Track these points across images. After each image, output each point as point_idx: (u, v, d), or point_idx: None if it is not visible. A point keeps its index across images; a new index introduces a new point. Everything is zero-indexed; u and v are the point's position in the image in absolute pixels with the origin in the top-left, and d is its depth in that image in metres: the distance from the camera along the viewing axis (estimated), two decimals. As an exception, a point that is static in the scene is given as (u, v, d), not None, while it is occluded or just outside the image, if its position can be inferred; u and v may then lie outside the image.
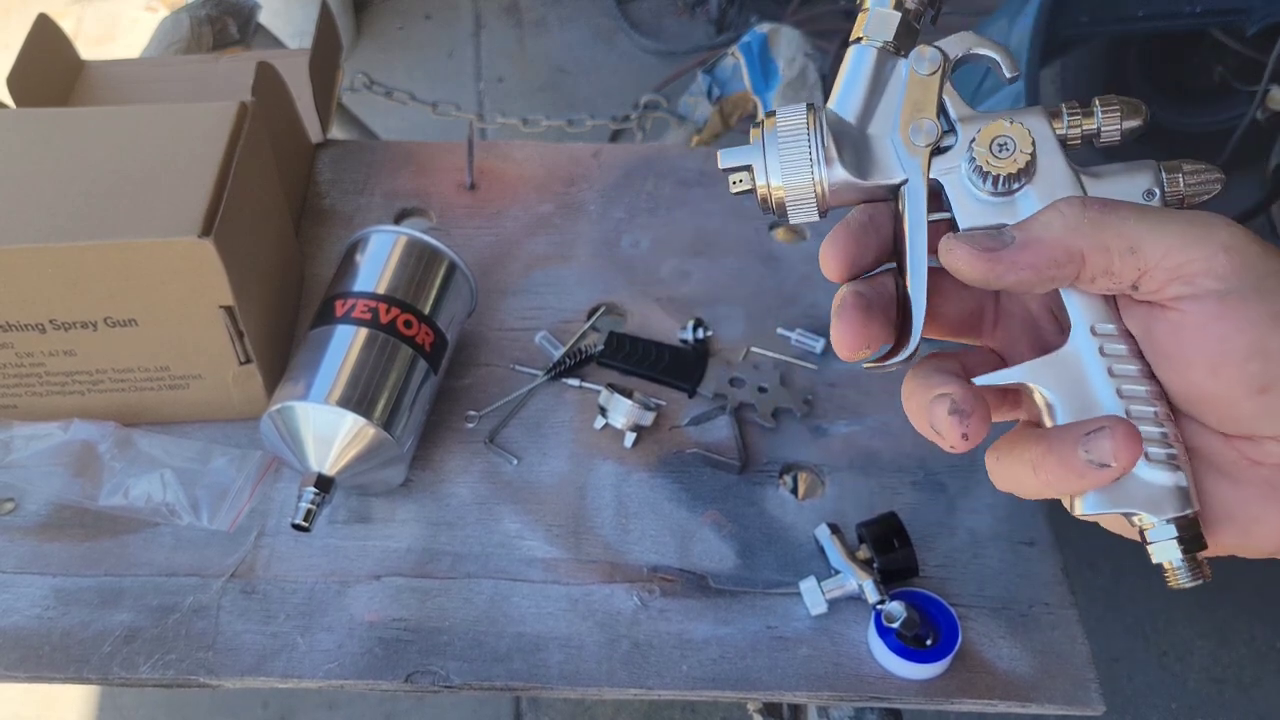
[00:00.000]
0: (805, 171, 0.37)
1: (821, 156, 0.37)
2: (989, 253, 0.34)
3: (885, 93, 0.38)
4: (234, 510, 0.81)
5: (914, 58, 0.37)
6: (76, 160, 0.81)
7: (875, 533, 0.77)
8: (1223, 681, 1.64)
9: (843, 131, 0.37)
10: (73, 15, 2.78)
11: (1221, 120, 2.10)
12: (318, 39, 1.09)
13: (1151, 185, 0.35)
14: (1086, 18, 1.86)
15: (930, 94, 0.37)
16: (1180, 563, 0.34)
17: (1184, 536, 0.33)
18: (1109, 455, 0.32)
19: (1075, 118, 0.36)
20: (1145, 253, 0.32)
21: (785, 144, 0.37)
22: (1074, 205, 0.34)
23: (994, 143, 0.35)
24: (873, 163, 0.37)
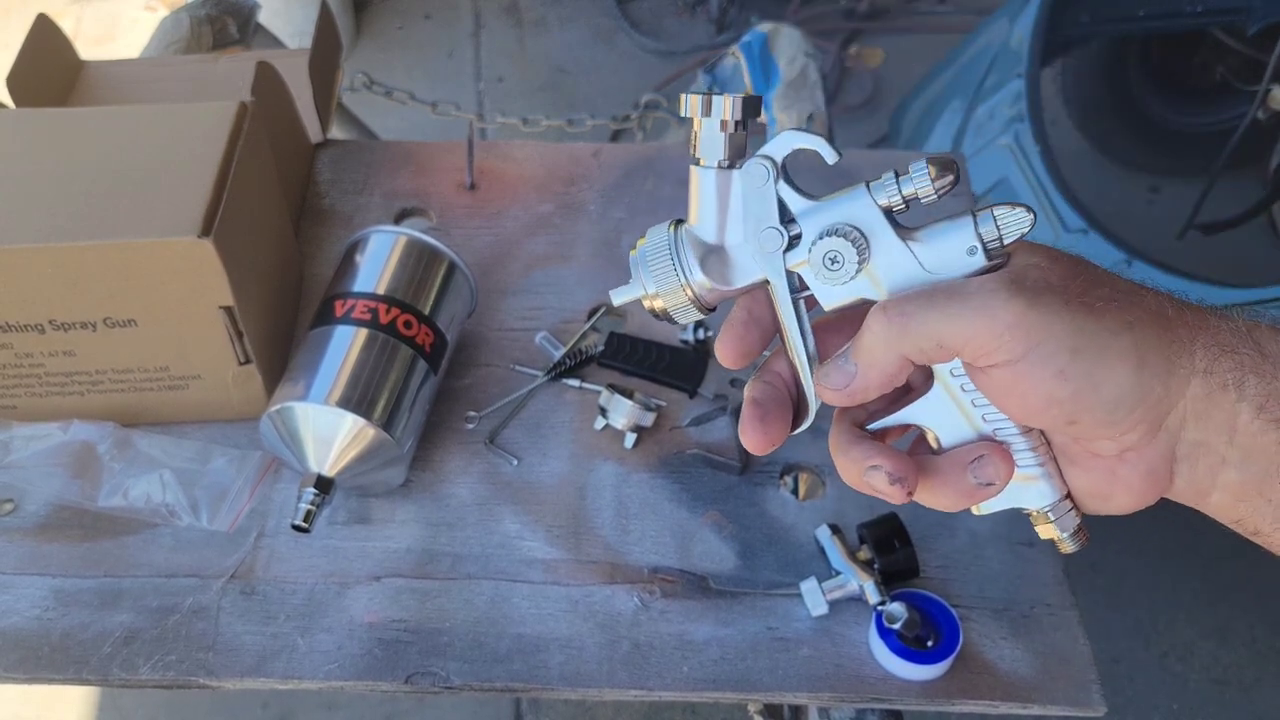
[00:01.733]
0: (676, 285, 0.43)
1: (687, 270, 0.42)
2: (846, 390, 0.42)
3: (730, 206, 0.42)
4: (233, 511, 0.81)
5: (745, 174, 0.42)
6: (76, 160, 0.81)
7: (876, 534, 0.77)
8: (1224, 682, 1.64)
9: (704, 247, 0.43)
10: (72, 15, 2.78)
11: (1222, 120, 2.10)
12: (317, 39, 1.09)
13: (972, 241, 0.40)
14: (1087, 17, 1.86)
15: (768, 203, 0.42)
16: (1064, 535, 0.43)
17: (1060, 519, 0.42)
18: (992, 476, 0.41)
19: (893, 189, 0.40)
20: (949, 343, 0.39)
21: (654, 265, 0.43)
22: (880, 322, 0.40)
23: (825, 258, 0.41)
24: (734, 270, 0.43)
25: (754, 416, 0.43)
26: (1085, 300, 0.38)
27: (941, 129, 1.87)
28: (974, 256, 0.40)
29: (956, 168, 0.40)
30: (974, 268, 0.40)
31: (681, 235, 0.43)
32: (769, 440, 0.43)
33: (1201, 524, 0.44)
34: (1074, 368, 0.37)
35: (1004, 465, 0.41)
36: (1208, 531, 1.21)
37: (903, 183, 0.40)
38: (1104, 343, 0.37)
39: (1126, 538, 1.73)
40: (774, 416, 0.44)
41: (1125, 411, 0.38)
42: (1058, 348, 0.37)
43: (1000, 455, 0.41)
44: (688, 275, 0.43)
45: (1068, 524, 0.42)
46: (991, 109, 1.76)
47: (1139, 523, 0.54)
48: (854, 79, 2.62)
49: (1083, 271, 0.39)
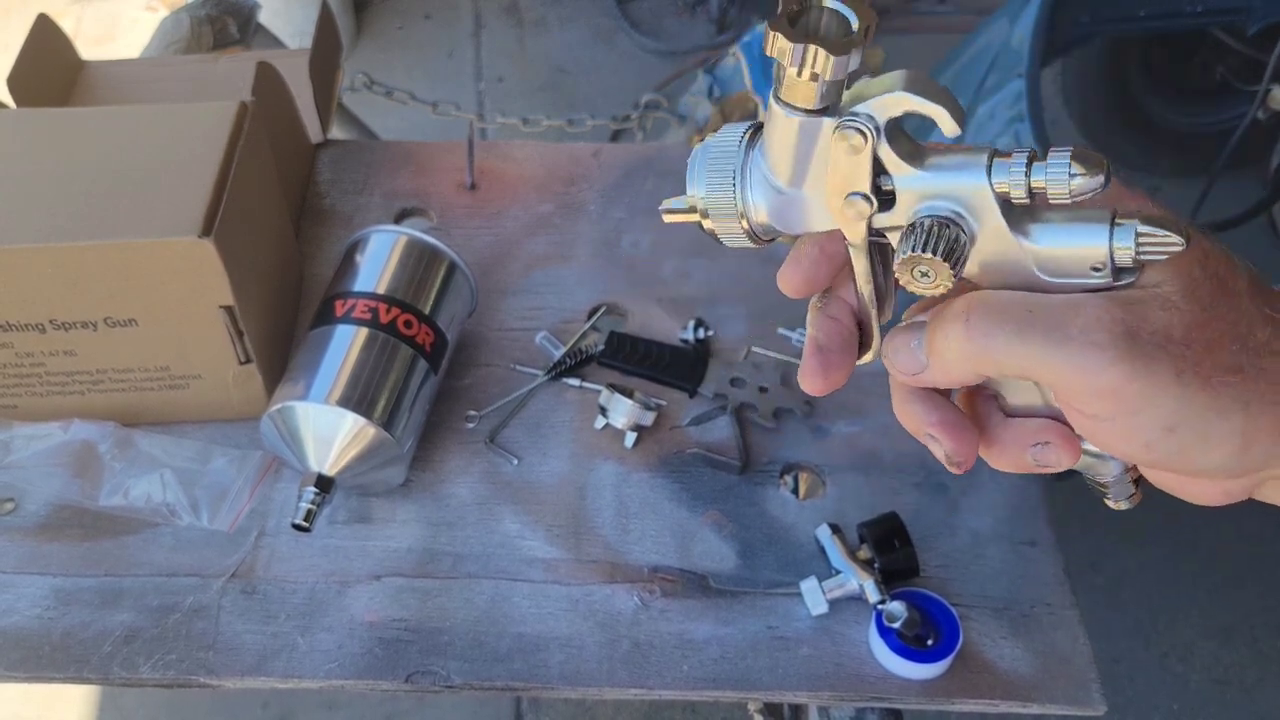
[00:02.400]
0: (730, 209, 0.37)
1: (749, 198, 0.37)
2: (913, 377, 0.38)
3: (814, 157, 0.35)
4: (234, 510, 0.81)
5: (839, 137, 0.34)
6: (76, 160, 0.81)
7: (876, 533, 0.77)
8: (1225, 682, 1.64)
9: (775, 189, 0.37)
10: (73, 15, 2.78)
11: (1222, 120, 2.09)
12: (318, 39, 1.09)
13: (1102, 257, 0.33)
14: (1087, 17, 1.86)
15: (861, 170, 0.35)
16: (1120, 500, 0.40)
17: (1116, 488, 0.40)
18: (1053, 462, 0.38)
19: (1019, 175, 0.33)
20: (1037, 377, 0.36)
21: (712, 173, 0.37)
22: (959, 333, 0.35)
23: (915, 270, 0.35)
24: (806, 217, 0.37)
25: (818, 362, 0.39)
26: (1202, 370, 0.33)
27: (942, 129, 1.87)
28: (1098, 274, 0.34)
29: (1108, 169, 0.32)
30: (1094, 284, 0.34)
31: (754, 158, 0.36)
32: (829, 384, 0.40)
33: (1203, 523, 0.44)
34: (1164, 444, 0.34)
35: (1067, 453, 0.37)
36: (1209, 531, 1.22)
37: (1034, 170, 0.33)
38: (1207, 424, 0.33)
39: (1127, 537, 1.73)
40: (837, 360, 0.39)
41: (1210, 479, 0.36)
42: (1152, 423, 0.33)
43: (1065, 442, 0.37)
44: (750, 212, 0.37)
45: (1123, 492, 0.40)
46: (992, 109, 1.76)
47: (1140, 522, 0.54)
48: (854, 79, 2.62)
49: (1219, 312, 0.33)
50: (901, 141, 0.35)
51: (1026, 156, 0.33)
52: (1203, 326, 0.33)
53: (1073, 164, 0.32)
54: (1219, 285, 0.33)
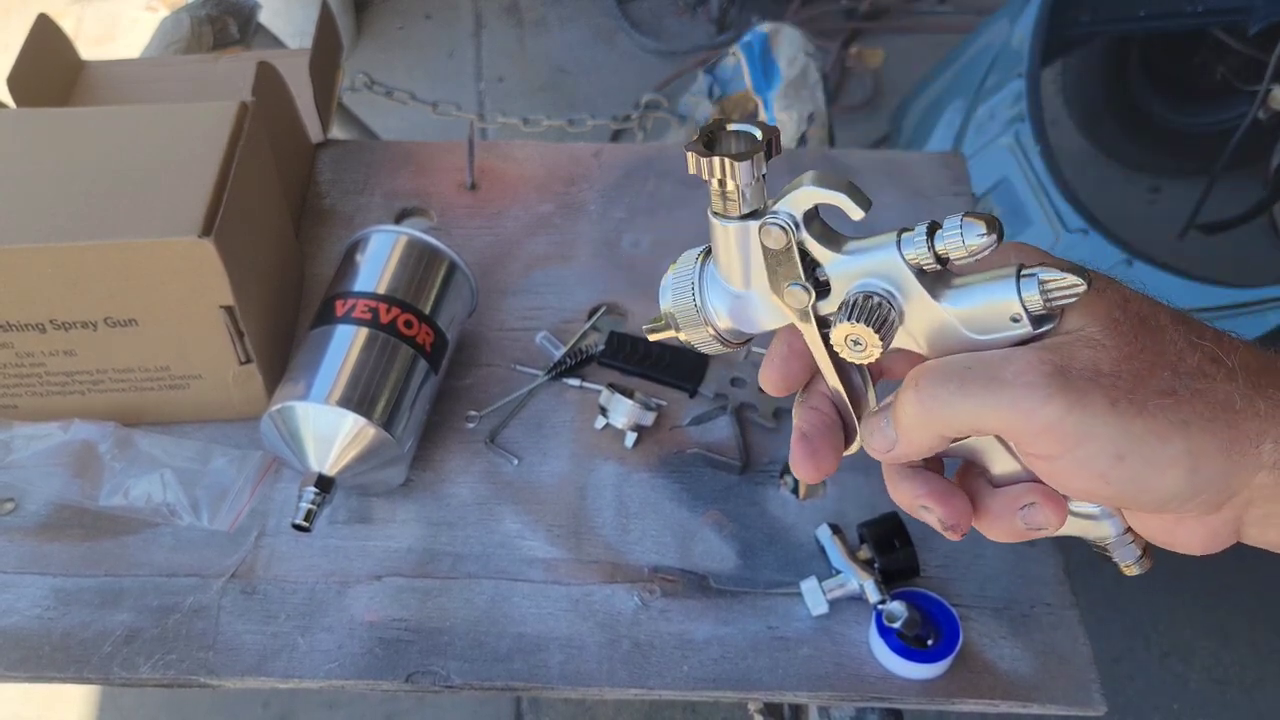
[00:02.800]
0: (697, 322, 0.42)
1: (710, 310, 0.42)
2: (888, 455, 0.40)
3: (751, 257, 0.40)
4: (234, 510, 0.81)
5: (764, 238, 0.39)
6: (76, 160, 0.81)
7: (876, 533, 0.77)
8: (1225, 682, 1.64)
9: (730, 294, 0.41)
10: (73, 15, 2.78)
11: (1223, 120, 2.10)
12: (318, 39, 1.09)
13: (1016, 310, 0.36)
14: (1087, 17, 1.86)
15: (792, 263, 0.39)
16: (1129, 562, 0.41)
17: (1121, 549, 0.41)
18: (1042, 522, 0.39)
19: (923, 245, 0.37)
20: (985, 430, 0.37)
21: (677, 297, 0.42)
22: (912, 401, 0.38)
23: (847, 339, 0.38)
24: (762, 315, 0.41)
25: (804, 451, 0.42)
26: (1136, 398, 0.34)
27: (942, 129, 1.87)
28: (1018, 324, 0.36)
29: (1000, 227, 0.36)
30: (1018, 335, 0.37)
31: (709, 274, 0.41)
32: (821, 471, 0.42)
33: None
34: (1117, 473, 0.35)
35: (1055, 513, 0.39)
36: (1208, 531, 1.17)
37: (935, 238, 0.37)
38: (1152, 450, 0.34)
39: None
40: (824, 447, 0.42)
41: (1177, 505, 0.36)
42: (1099, 452, 0.35)
43: (1051, 503, 0.39)
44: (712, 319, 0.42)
45: (1129, 554, 0.41)
46: (992, 109, 1.76)
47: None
48: (854, 79, 2.63)
49: (1146, 344, 0.35)
50: (822, 233, 0.39)
51: (926, 227, 0.37)
52: (1130, 359, 0.35)
53: (964, 225, 0.36)
54: (1141, 322, 0.36)
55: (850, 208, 0.37)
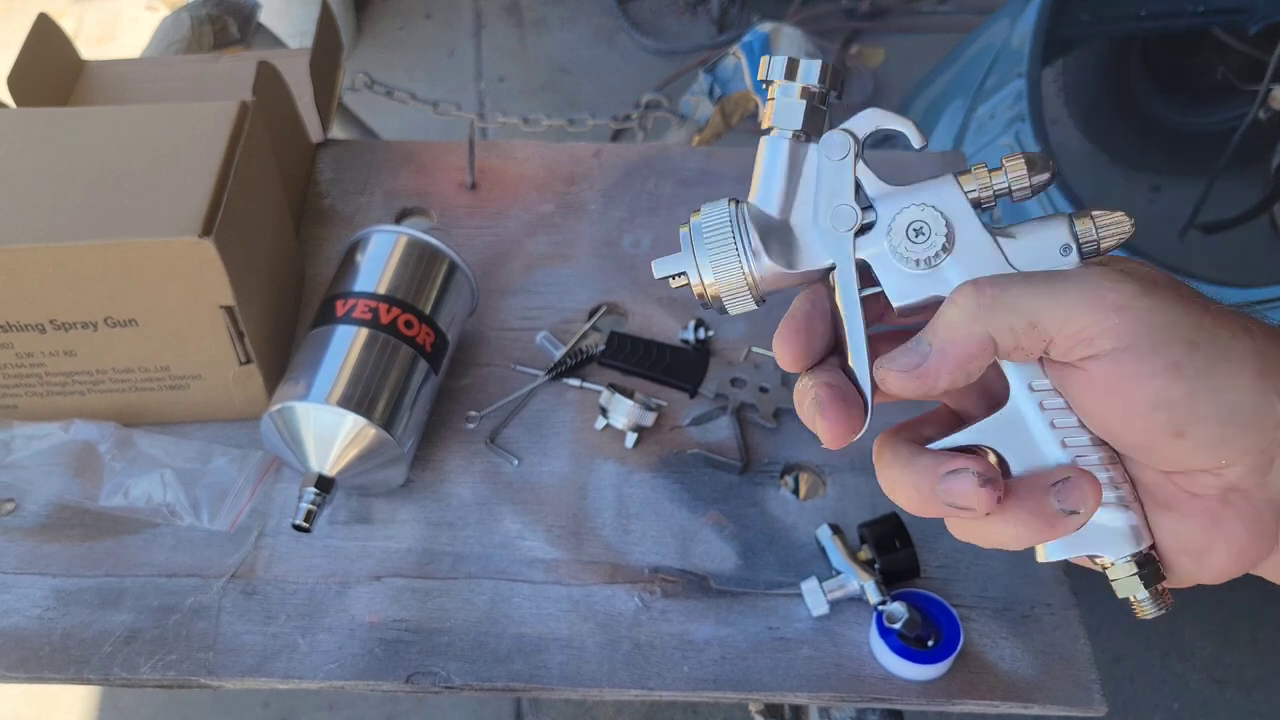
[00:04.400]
0: (735, 266, 0.38)
1: (748, 248, 0.38)
2: (915, 370, 0.36)
3: (802, 181, 0.38)
4: (234, 511, 0.81)
5: (824, 145, 0.38)
6: (76, 160, 0.81)
7: (877, 533, 0.77)
8: (1225, 682, 1.64)
9: (766, 224, 0.38)
10: (73, 15, 2.78)
11: (1223, 120, 2.10)
12: (318, 38, 1.09)
13: (1066, 239, 0.37)
14: (1088, 17, 1.86)
15: (845, 179, 0.38)
16: (1144, 595, 0.36)
17: (1143, 571, 0.36)
18: (1078, 502, 0.35)
19: (984, 179, 0.37)
20: (1044, 325, 0.34)
21: (711, 241, 0.38)
22: (968, 295, 0.36)
23: (910, 228, 0.37)
24: (798, 252, 0.38)
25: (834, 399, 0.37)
26: (1200, 301, 0.34)
27: (943, 129, 1.87)
28: (1068, 256, 0.36)
29: (1054, 166, 0.37)
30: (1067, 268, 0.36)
31: (743, 211, 0.38)
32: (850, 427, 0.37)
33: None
34: (1191, 362, 0.33)
35: (1091, 492, 0.35)
36: (1209, 531, 1.17)
37: (995, 176, 0.37)
38: (1225, 343, 0.33)
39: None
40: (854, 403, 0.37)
41: (1240, 427, 0.33)
42: (1173, 338, 0.33)
43: (1088, 481, 0.35)
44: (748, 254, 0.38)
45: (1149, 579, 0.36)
46: (992, 109, 1.76)
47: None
48: (855, 79, 2.63)
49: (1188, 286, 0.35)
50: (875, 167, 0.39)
51: (985, 165, 0.37)
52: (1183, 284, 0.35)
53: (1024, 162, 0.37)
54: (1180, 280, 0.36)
55: (913, 134, 0.38)
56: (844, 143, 0.38)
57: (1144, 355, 0.33)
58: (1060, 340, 0.34)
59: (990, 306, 0.35)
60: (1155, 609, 0.36)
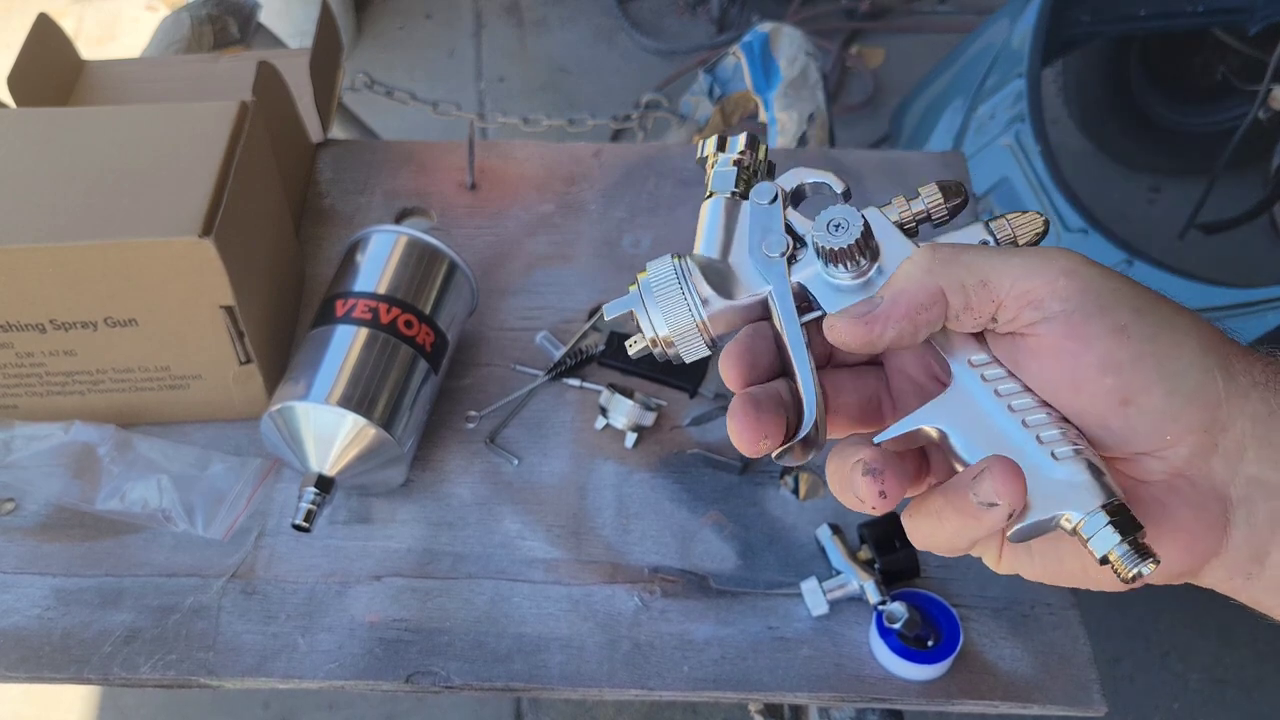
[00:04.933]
0: (684, 312, 0.40)
1: (694, 294, 0.40)
2: (865, 317, 0.36)
3: (737, 228, 0.41)
4: (229, 518, 0.81)
5: (754, 194, 0.41)
6: (77, 160, 0.81)
7: (877, 533, 0.77)
8: (1225, 682, 1.64)
9: (709, 266, 0.41)
10: (73, 15, 2.78)
11: (1223, 120, 2.09)
12: (318, 38, 1.09)
13: (983, 236, 0.39)
14: (1088, 17, 1.86)
15: (775, 216, 0.41)
16: (1123, 549, 0.33)
17: (1116, 520, 0.33)
18: (991, 494, 0.33)
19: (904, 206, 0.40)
20: (995, 284, 0.35)
21: (660, 294, 0.40)
22: (925, 252, 0.37)
23: (829, 225, 0.38)
24: (739, 284, 0.41)
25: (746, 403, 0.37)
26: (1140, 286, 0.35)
27: (942, 129, 1.87)
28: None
29: (965, 192, 0.39)
30: None
31: (686, 262, 0.41)
32: (760, 430, 0.37)
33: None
34: (1137, 327, 0.33)
35: (1007, 480, 0.33)
36: (1208, 531, 1.17)
37: (913, 204, 0.39)
38: (1168, 314, 0.34)
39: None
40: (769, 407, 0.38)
41: (1184, 398, 0.33)
42: (1119, 302, 0.33)
43: (1005, 469, 0.33)
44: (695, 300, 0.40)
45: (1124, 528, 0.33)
46: (992, 109, 1.76)
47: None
48: (855, 79, 2.62)
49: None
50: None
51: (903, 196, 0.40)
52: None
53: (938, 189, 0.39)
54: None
55: (834, 182, 0.41)
56: (771, 189, 0.41)
57: (1091, 316, 0.33)
58: (1009, 303, 0.35)
59: (945, 262, 0.36)
60: (1137, 563, 0.33)
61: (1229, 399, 0.33)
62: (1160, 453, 0.34)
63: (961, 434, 0.36)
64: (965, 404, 0.36)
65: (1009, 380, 0.36)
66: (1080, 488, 0.34)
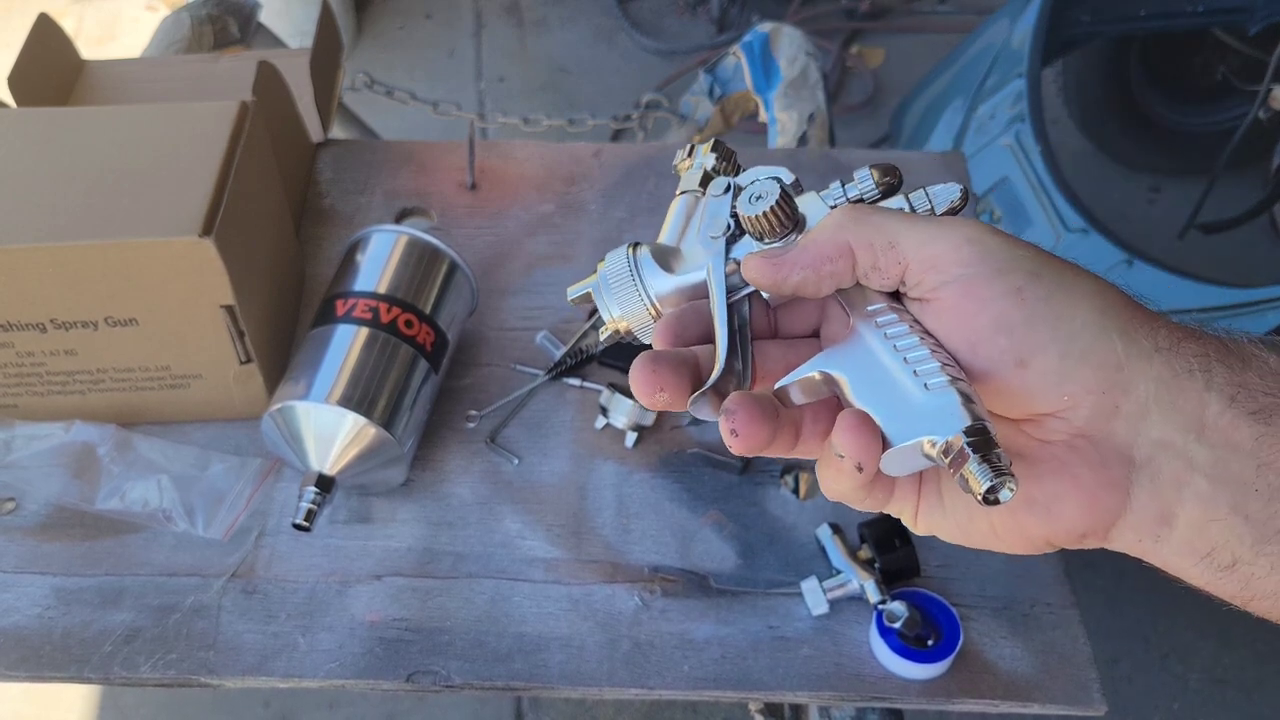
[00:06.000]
0: (636, 299, 0.43)
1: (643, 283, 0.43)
2: (774, 259, 0.39)
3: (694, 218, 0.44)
4: (229, 518, 0.81)
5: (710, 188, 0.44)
6: (77, 160, 0.81)
7: (877, 532, 0.77)
8: (1225, 682, 1.64)
9: (662, 251, 0.44)
10: (73, 15, 2.78)
11: (1223, 120, 2.10)
12: (318, 38, 1.09)
13: (903, 204, 0.40)
14: (1088, 17, 1.86)
15: (724, 207, 0.43)
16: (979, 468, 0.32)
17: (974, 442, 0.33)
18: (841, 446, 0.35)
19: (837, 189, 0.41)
20: (902, 247, 0.36)
21: (614, 284, 0.43)
22: (843, 209, 0.39)
23: (750, 197, 0.41)
24: (683, 264, 0.43)
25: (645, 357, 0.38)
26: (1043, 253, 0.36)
27: (942, 129, 1.87)
28: None
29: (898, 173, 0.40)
30: None
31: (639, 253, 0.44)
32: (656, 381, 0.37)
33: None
34: (1032, 289, 0.34)
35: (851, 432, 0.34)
36: (1208, 531, 1.17)
37: (848, 188, 0.41)
38: (1068, 278, 0.35)
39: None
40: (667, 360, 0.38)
41: (1078, 360, 0.33)
42: (1017, 267, 0.35)
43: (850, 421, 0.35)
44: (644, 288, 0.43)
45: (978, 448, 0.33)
46: (992, 109, 1.76)
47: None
48: (855, 79, 2.63)
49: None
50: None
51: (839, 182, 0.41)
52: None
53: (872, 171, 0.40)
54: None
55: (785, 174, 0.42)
56: (724, 183, 0.43)
57: (989, 279, 0.35)
58: (915, 266, 0.36)
59: (857, 221, 0.37)
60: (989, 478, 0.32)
61: (1130, 361, 0.33)
62: (1060, 413, 0.34)
63: (853, 379, 0.37)
64: (859, 351, 0.38)
65: (901, 324, 0.37)
66: (944, 412, 0.34)
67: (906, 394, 0.35)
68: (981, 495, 0.33)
